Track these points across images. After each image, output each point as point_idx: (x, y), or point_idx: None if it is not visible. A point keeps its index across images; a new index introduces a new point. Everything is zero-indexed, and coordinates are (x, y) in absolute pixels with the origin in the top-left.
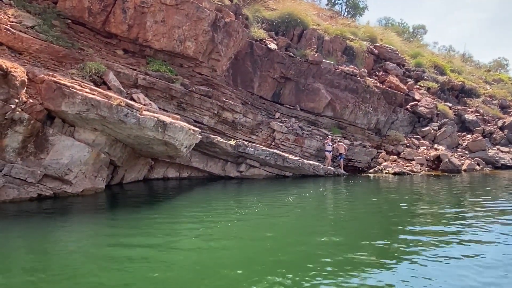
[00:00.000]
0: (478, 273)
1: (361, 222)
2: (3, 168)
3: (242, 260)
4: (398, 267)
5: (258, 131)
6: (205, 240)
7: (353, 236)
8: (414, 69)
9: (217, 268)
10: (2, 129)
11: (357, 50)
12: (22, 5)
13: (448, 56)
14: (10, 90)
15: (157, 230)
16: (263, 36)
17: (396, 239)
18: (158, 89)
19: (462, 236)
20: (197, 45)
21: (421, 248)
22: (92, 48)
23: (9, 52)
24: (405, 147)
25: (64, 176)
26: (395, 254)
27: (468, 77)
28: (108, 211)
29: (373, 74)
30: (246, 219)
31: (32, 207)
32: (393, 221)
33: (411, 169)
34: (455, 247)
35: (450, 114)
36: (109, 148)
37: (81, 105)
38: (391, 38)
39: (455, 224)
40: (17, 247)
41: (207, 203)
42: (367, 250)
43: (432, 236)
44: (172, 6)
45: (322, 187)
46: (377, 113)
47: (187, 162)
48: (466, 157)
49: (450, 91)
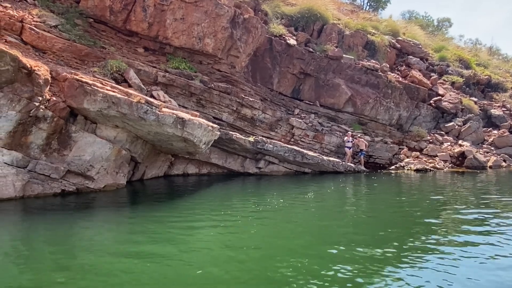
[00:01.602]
0: (496, 275)
1: (381, 222)
2: (28, 164)
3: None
4: (417, 268)
5: (277, 127)
6: (223, 239)
7: (373, 237)
8: (438, 63)
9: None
10: (26, 127)
11: (379, 45)
12: (46, 5)
13: (474, 50)
14: (34, 88)
15: (176, 228)
16: (282, 31)
17: (417, 241)
18: (178, 86)
19: (486, 238)
20: (216, 42)
21: (442, 249)
22: (113, 46)
23: (33, 51)
24: (428, 143)
25: (87, 172)
26: (415, 258)
27: (495, 70)
28: (129, 207)
29: (395, 68)
30: (265, 216)
31: (56, 203)
32: (415, 221)
33: (434, 165)
34: (479, 250)
35: (475, 109)
36: (130, 145)
37: (102, 103)
38: (414, 32)
39: (479, 225)
40: (42, 242)
41: (226, 200)
42: (386, 251)
43: (455, 239)
44: (191, 3)
45: (342, 183)
46: (399, 109)
47: (207, 158)
48: (492, 153)
49: (475, 85)
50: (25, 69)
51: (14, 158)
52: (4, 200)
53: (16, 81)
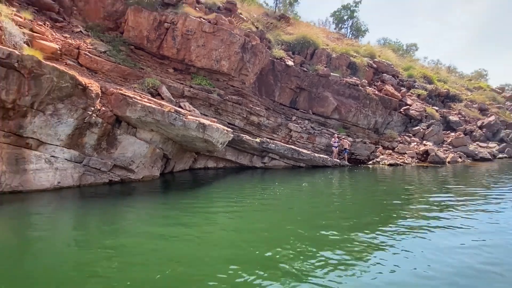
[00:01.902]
0: (456, 257)
1: (361, 207)
2: (83, 160)
3: (269, 234)
4: (389, 243)
5: (278, 130)
6: (234, 222)
7: (354, 215)
8: (406, 80)
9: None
10: (82, 130)
11: (359, 65)
12: (97, 35)
13: (436, 68)
14: (88, 101)
15: (198, 212)
16: (282, 55)
17: (387, 218)
18: (200, 99)
19: (443, 218)
20: (230, 64)
21: (413, 231)
22: (149, 67)
23: (87, 72)
24: (398, 143)
25: (129, 166)
26: (387, 232)
27: (453, 85)
28: (161, 194)
29: (372, 84)
30: (269, 202)
31: (105, 190)
32: (386, 203)
33: (403, 161)
34: (438, 225)
35: (436, 116)
36: (162, 145)
37: (141, 112)
38: (388, 55)
39: (437, 206)
40: (94, 222)
41: (238, 188)
42: (364, 227)
43: (418, 218)
44: (210, 33)
45: (330, 175)
46: (376, 116)
47: (222, 155)
48: (450, 151)
49: (437, 97)
50: (81, 86)
51: (72, 155)
52: (64, 188)
53: (74, 95)
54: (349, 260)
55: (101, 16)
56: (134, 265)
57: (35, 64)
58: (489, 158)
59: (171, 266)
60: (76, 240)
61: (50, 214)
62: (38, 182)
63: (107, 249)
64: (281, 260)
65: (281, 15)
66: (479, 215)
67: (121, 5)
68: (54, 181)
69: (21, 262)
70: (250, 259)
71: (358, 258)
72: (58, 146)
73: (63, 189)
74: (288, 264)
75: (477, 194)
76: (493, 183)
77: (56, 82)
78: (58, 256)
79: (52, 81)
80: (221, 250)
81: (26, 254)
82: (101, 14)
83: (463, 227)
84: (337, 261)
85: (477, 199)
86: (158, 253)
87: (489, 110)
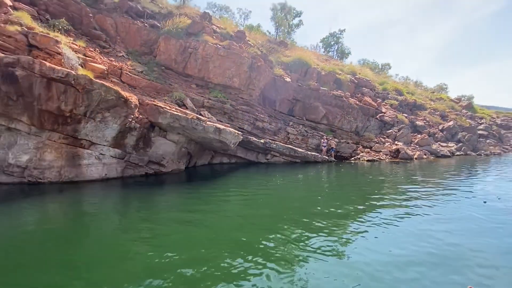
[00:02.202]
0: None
1: (344, 190)
2: (125, 156)
3: (271, 214)
4: (366, 223)
5: (278, 133)
6: (242, 208)
7: (341, 207)
8: (381, 92)
9: (257, 220)
10: (123, 133)
11: (343, 81)
12: (135, 58)
13: (405, 83)
14: (128, 110)
15: (215, 199)
16: (281, 73)
17: (366, 202)
18: (216, 108)
19: (407, 200)
20: (240, 80)
21: (389, 218)
22: (176, 83)
23: (128, 87)
24: (375, 143)
25: (161, 161)
26: (365, 213)
27: (419, 96)
28: (186, 184)
29: (354, 96)
30: (270, 191)
31: (142, 180)
32: (365, 189)
33: (379, 157)
34: (405, 208)
35: (406, 121)
36: (187, 144)
37: (170, 118)
38: (366, 72)
39: (411, 198)
40: (133, 209)
41: (247, 178)
42: (347, 208)
43: (390, 201)
44: (224, 56)
45: (320, 168)
46: (357, 121)
47: (234, 153)
48: (417, 150)
49: (406, 106)
50: (123, 98)
51: (116, 153)
52: (110, 179)
53: (117, 105)
54: (335, 241)
55: (139, 44)
56: (164, 247)
57: (87, 81)
58: (449, 155)
59: (192, 248)
60: (117, 223)
61: (100, 200)
62: (89, 174)
63: (142, 232)
64: (278, 244)
65: (280, 41)
66: (441, 203)
67: (154, 35)
68: (102, 173)
69: (75, 243)
70: (254, 242)
71: (345, 239)
72: (105, 146)
73: (109, 180)
74: (283, 246)
75: (439, 184)
76: (451, 175)
77: (104, 96)
78: (102, 237)
79: (100, 95)
80: (231, 233)
81: (79, 235)
82: (138, 42)
83: (430, 214)
84: (325, 243)
85: (438, 189)
86: (182, 236)
87: (449, 116)
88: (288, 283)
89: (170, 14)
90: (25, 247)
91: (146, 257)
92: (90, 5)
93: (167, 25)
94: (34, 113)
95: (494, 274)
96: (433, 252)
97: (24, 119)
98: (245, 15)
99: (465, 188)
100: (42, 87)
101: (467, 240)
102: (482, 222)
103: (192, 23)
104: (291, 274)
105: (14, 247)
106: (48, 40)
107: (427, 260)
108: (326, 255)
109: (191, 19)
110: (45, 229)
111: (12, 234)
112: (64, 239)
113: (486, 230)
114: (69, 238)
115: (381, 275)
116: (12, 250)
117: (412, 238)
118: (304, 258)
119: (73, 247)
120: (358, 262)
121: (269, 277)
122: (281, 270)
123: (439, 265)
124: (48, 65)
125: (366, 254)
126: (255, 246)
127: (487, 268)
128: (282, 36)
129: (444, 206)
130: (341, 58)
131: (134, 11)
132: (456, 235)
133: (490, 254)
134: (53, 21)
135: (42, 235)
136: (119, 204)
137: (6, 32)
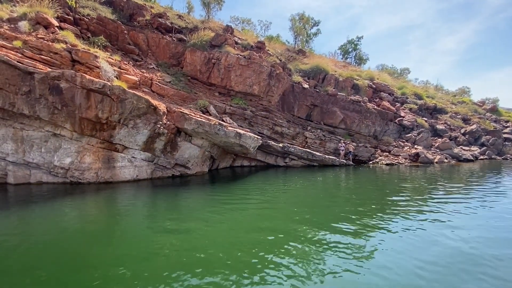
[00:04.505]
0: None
1: (363, 193)
2: (154, 160)
3: (287, 214)
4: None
5: (296, 137)
6: (261, 211)
7: (357, 212)
8: (400, 97)
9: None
10: (153, 138)
11: (361, 86)
12: (164, 70)
13: (425, 87)
14: (157, 117)
15: (236, 198)
16: (300, 80)
17: (385, 204)
18: (237, 114)
19: (430, 204)
20: (260, 88)
21: (406, 222)
22: (201, 92)
23: (157, 96)
24: (394, 147)
25: (186, 164)
26: (385, 216)
27: (439, 100)
28: (210, 185)
29: (372, 100)
30: (290, 194)
31: (169, 181)
32: (385, 192)
33: (398, 161)
34: (425, 213)
35: (426, 125)
36: (210, 148)
37: (195, 124)
38: (385, 77)
39: (426, 197)
40: (161, 209)
41: (266, 181)
42: (365, 208)
43: (410, 206)
44: (245, 65)
45: (339, 172)
46: (375, 126)
47: (254, 156)
48: (437, 154)
49: (426, 110)
50: (153, 106)
51: (146, 156)
52: (141, 180)
53: (147, 113)
54: (354, 241)
55: (168, 56)
56: (192, 244)
57: (121, 91)
58: (471, 159)
59: (212, 248)
60: (149, 220)
61: (132, 199)
62: (122, 175)
63: (168, 232)
64: (297, 242)
65: (299, 50)
66: (461, 208)
67: (181, 48)
68: (134, 174)
69: (113, 239)
70: (271, 243)
71: (363, 239)
72: (137, 149)
73: (140, 180)
74: (303, 244)
75: (461, 189)
76: (475, 180)
77: (136, 104)
78: (136, 233)
79: (132, 103)
80: (248, 234)
81: (113, 233)
82: (167, 54)
83: (451, 221)
84: (345, 243)
85: (460, 194)
86: (204, 236)
87: (471, 120)
88: (313, 283)
89: (196, 28)
90: (67, 242)
91: (177, 253)
92: (125, 23)
93: (192, 39)
94: (75, 120)
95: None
96: (458, 260)
97: (67, 126)
98: (265, 26)
99: (494, 195)
100: (83, 97)
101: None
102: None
103: (216, 35)
104: (315, 274)
105: (57, 240)
106: (89, 56)
107: (448, 265)
108: (349, 259)
109: (215, 32)
110: (84, 226)
111: (56, 230)
112: (105, 235)
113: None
114: (107, 234)
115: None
116: (52, 245)
117: (436, 246)
118: (325, 259)
119: (111, 243)
120: (381, 267)
121: (290, 277)
122: (303, 270)
123: (462, 271)
124: (88, 77)
125: (389, 259)
126: (267, 247)
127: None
128: (300, 45)
129: (470, 213)
130: (359, 64)
131: (163, 27)
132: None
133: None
134: (93, 39)
135: (81, 232)
136: (149, 203)
137: (53, 49)
